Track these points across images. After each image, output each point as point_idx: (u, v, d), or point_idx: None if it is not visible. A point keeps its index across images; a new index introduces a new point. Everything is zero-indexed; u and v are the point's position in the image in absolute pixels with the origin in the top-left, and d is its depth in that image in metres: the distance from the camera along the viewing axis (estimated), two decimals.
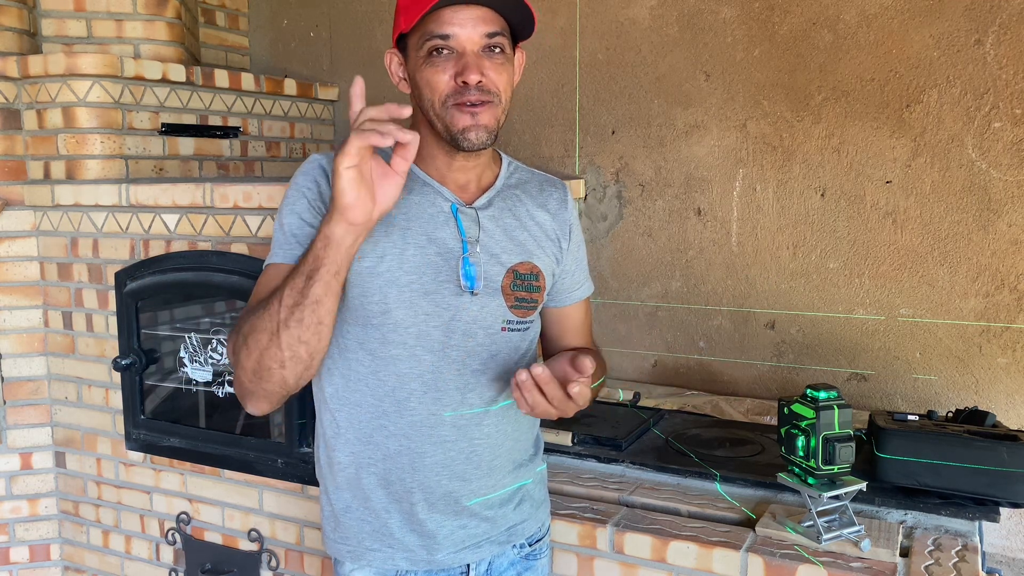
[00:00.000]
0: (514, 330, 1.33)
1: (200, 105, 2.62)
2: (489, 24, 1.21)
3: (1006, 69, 2.09)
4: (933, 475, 1.62)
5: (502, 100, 1.24)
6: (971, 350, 2.19)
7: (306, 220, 1.24)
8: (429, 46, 1.20)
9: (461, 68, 1.19)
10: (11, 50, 2.39)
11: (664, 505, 1.73)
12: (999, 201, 2.13)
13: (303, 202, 1.25)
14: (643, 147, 2.55)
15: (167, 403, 2.27)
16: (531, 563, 1.44)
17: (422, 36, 1.21)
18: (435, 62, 1.21)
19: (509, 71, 1.25)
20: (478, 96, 1.20)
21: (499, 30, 1.22)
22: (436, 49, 1.20)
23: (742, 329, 2.47)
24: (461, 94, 1.20)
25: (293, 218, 1.25)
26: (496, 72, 1.22)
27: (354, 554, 1.33)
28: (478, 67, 1.20)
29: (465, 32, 1.19)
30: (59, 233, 2.33)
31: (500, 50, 1.23)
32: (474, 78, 1.19)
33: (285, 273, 1.18)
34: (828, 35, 2.28)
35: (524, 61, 1.34)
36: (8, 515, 2.41)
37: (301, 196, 1.26)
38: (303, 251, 1.18)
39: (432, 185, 1.30)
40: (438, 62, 1.20)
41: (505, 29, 1.23)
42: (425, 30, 1.20)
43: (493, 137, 1.25)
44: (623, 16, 2.54)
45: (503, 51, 1.23)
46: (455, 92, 1.20)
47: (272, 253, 1.27)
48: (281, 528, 2.05)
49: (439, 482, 1.30)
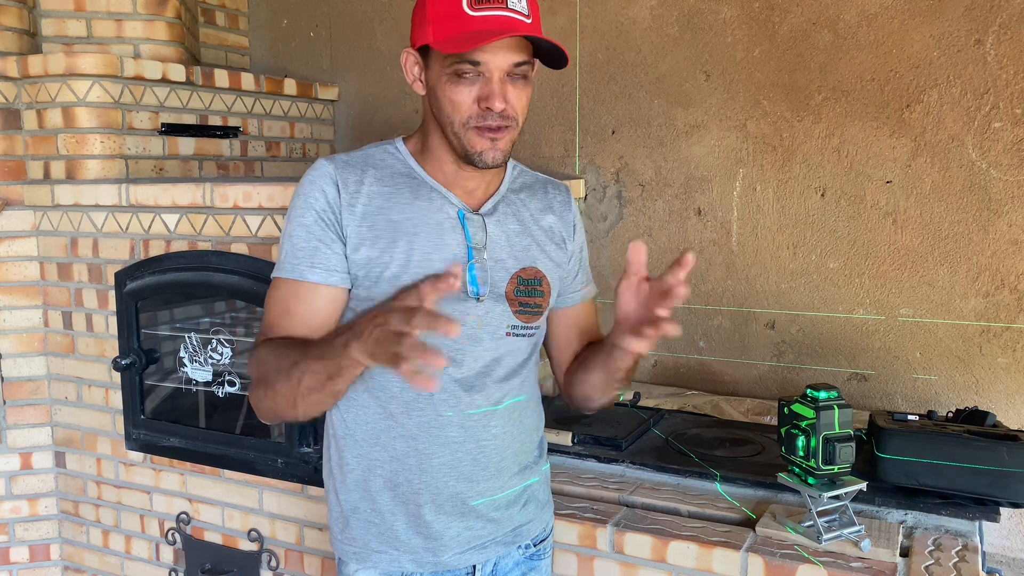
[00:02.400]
0: (519, 335, 1.33)
1: (200, 105, 2.62)
2: (519, 53, 1.20)
3: (1006, 69, 2.09)
4: (933, 475, 1.61)
5: (519, 124, 1.24)
6: (971, 350, 2.19)
7: (314, 234, 1.25)
8: (457, 68, 1.19)
9: (487, 94, 1.19)
10: (11, 50, 2.39)
11: (664, 505, 1.73)
12: (999, 201, 2.13)
13: (311, 214, 1.25)
14: (643, 147, 2.55)
15: (167, 403, 2.27)
16: (535, 563, 1.44)
17: (452, 56, 1.19)
18: (460, 83, 1.20)
19: (528, 94, 1.25)
20: (499, 122, 1.20)
21: (527, 59, 1.22)
22: (465, 73, 1.19)
23: (742, 329, 2.47)
24: (483, 118, 1.20)
25: (301, 231, 1.25)
26: (518, 98, 1.22)
27: (359, 555, 1.34)
28: (502, 94, 1.19)
29: (496, 61, 1.18)
30: (59, 233, 2.33)
31: (524, 77, 1.23)
32: (499, 106, 1.19)
33: (295, 294, 1.24)
34: (828, 35, 2.28)
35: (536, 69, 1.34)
36: (8, 515, 2.42)
37: (309, 208, 1.25)
38: (310, 258, 1.24)
39: (439, 191, 1.30)
40: (463, 83, 1.20)
41: (531, 55, 1.23)
42: (457, 55, 1.19)
43: (507, 156, 1.26)
44: (623, 16, 2.54)
45: (526, 77, 1.23)
46: (477, 115, 1.20)
47: (280, 265, 1.28)
48: (281, 528, 2.05)
49: (446, 483, 1.30)
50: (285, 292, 1.27)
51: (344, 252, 1.25)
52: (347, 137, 3.10)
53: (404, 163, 1.31)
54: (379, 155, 1.32)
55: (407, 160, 1.32)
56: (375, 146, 1.35)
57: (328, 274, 1.25)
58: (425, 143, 1.31)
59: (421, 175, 1.30)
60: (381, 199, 1.26)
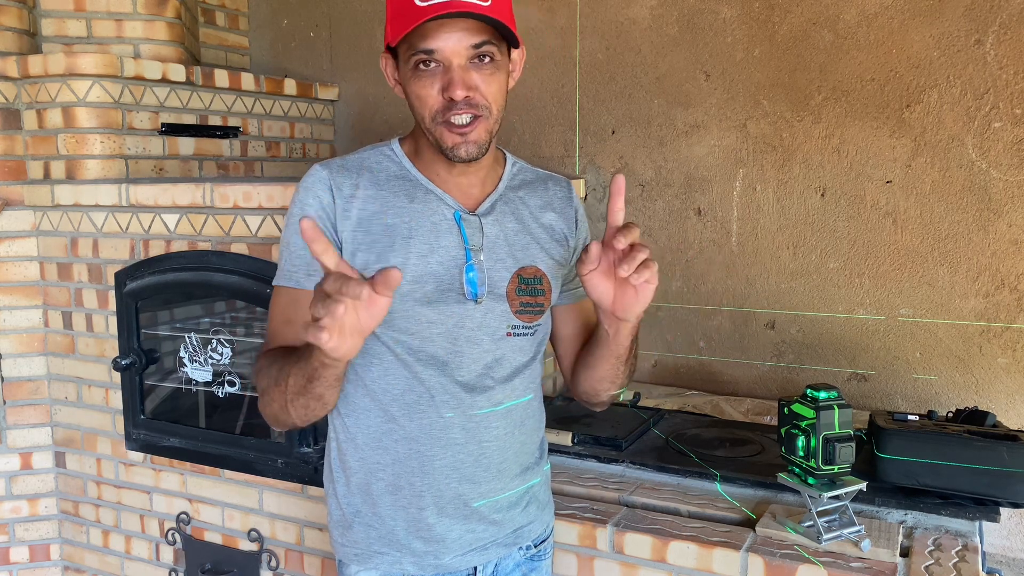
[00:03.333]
0: (519, 335, 1.32)
1: (200, 105, 2.62)
2: (474, 35, 1.17)
3: (1006, 69, 2.09)
4: (933, 475, 1.61)
5: (492, 111, 1.22)
6: (971, 350, 2.19)
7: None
8: (415, 60, 1.18)
9: (447, 83, 1.17)
10: (11, 50, 2.39)
11: (664, 505, 1.73)
12: (999, 201, 2.13)
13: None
14: (643, 147, 2.55)
15: (167, 403, 2.27)
16: (536, 564, 1.44)
17: (408, 49, 1.19)
18: (421, 76, 1.19)
19: (500, 79, 1.22)
20: (467, 110, 1.18)
21: (487, 39, 1.18)
22: (423, 63, 1.18)
23: (742, 329, 2.47)
24: (449, 109, 1.18)
25: (296, 239, 1.25)
26: (486, 83, 1.19)
27: (361, 557, 1.34)
28: (464, 82, 1.17)
29: (449, 45, 1.16)
30: (59, 233, 2.33)
31: (490, 59, 1.20)
32: (460, 94, 1.17)
33: (294, 302, 1.24)
34: (828, 35, 2.28)
35: (524, 56, 1.31)
36: (8, 515, 2.42)
37: (304, 216, 1.24)
38: (304, 274, 1.24)
39: (435, 192, 1.29)
40: (424, 76, 1.19)
41: (494, 36, 1.20)
42: (410, 43, 1.18)
43: (485, 148, 1.23)
44: (623, 16, 2.54)
45: (493, 59, 1.20)
46: (443, 108, 1.19)
47: (280, 273, 1.28)
48: (281, 528, 2.05)
49: (448, 485, 1.30)
50: (285, 300, 1.27)
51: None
52: (347, 137, 3.10)
53: (400, 165, 1.31)
54: (375, 158, 1.32)
55: (402, 162, 1.31)
56: (371, 148, 1.35)
57: None
58: (417, 143, 1.31)
59: (417, 177, 1.30)
60: (376, 203, 1.26)
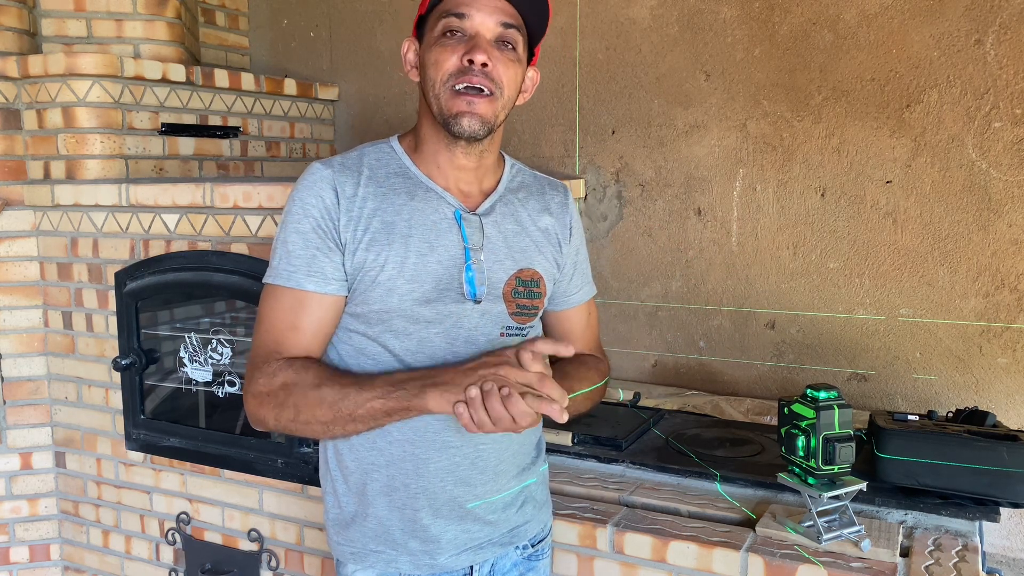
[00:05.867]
0: (512, 335, 1.32)
1: (200, 105, 2.62)
2: (506, 15, 1.22)
3: (1006, 69, 2.09)
4: (933, 475, 1.61)
5: (503, 95, 1.24)
6: (971, 350, 2.19)
7: (311, 242, 1.23)
8: (444, 24, 1.21)
9: (471, 47, 1.20)
10: (11, 50, 2.39)
11: (664, 505, 1.73)
12: (999, 201, 2.13)
13: (307, 222, 1.23)
14: (643, 147, 2.55)
15: (167, 403, 2.27)
16: (533, 563, 1.44)
17: (439, 15, 1.23)
18: (446, 42, 1.22)
19: (516, 70, 1.25)
20: (480, 80, 1.20)
21: (515, 24, 1.23)
22: (451, 30, 1.21)
23: (742, 329, 2.47)
24: (464, 74, 1.20)
25: (296, 237, 1.24)
26: (504, 65, 1.22)
27: (357, 556, 1.34)
28: (487, 51, 1.21)
29: (481, 16, 1.21)
30: (59, 233, 2.33)
31: (512, 47, 1.24)
32: (480, 58, 1.20)
33: (300, 305, 1.23)
34: (828, 35, 2.28)
35: (538, 80, 1.35)
36: (8, 515, 2.41)
37: (306, 216, 1.23)
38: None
39: (435, 191, 1.29)
40: (449, 43, 1.21)
41: (521, 27, 1.24)
42: (443, 8, 1.22)
43: (487, 129, 1.24)
44: (623, 16, 2.54)
45: (515, 48, 1.24)
46: (459, 71, 1.20)
47: (273, 271, 1.26)
48: (281, 528, 2.05)
49: (443, 487, 1.30)
50: (289, 303, 1.24)
51: (341, 261, 1.24)
52: (347, 137, 3.10)
53: (399, 162, 1.31)
54: (374, 155, 1.31)
55: (402, 159, 1.31)
56: (370, 145, 1.35)
57: (326, 283, 1.23)
58: (418, 136, 1.31)
59: (416, 174, 1.30)
60: (376, 201, 1.25)
